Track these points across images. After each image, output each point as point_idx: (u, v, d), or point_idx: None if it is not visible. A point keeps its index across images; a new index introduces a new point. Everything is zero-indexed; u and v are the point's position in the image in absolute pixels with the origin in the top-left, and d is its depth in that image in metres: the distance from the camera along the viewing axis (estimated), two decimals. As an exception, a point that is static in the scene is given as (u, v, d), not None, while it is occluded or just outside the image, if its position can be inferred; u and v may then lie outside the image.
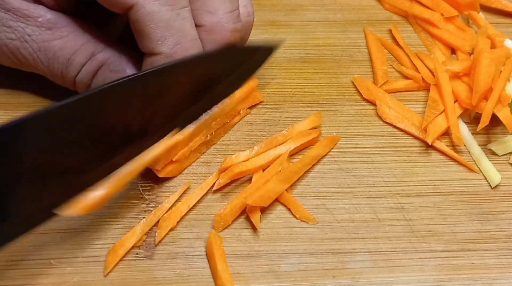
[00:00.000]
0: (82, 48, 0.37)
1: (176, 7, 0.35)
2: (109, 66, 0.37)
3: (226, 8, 0.37)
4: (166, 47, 0.35)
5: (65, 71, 0.37)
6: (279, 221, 0.37)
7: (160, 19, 0.34)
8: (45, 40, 0.37)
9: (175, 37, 0.35)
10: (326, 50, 0.47)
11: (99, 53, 0.37)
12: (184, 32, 0.35)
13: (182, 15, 0.35)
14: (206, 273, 0.34)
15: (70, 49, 0.37)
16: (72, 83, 0.38)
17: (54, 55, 0.37)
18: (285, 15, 0.49)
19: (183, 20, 0.35)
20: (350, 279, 0.34)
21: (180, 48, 0.35)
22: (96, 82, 0.38)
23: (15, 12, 0.36)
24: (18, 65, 0.38)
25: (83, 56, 0.37)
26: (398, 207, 0.38)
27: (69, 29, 0.37)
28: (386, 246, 0.36)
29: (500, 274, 0.35)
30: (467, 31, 0.47)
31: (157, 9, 0.34)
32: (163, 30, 0.34)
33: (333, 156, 0.40)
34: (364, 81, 0.44)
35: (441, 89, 0.42)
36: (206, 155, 0.39)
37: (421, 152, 0.41)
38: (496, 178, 0.39)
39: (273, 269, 0.35)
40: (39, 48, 0.37)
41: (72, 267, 0.34)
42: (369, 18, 0.49)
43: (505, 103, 0.41)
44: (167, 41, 0.35)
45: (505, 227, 0.37)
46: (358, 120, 0.42)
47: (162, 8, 0.34)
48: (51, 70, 0.38)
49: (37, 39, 0.37)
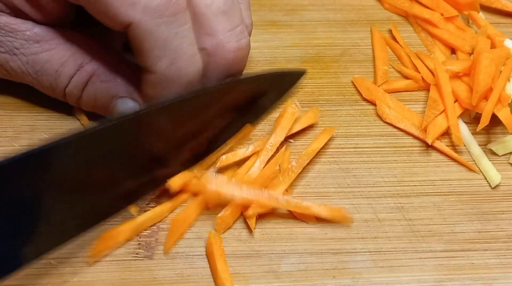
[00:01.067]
0: (69, 59, 0.37)
1: (174, 26, 0.34)
2: (99, 77, 0.37)
3: (225, 28, 0.36)
4: (159, 67, 0.34)
5: (53, 83, 0.37)
6: (279, 221, 0.37)
7: (157, 39, 0.33)
8: (33, 53, 0.37)
9: (170, 57, 0.34)
10: (326, 50, 0.47)
11: (87, 64, 0.37)
12: (180, 52, 0.34)
13: (181, 34, 0.34)
14: (206, 273, 0.34)
15: (57, 61, 0.37)
16: (62, 94, 0.38)
17: (42, 67, 0.37)
18: (285, 15, 0.49)
19: (181, 39, 0.34)
20: (350, 279, 0.34)
21: (173, 67, 0.34)
22: (87, 93, 0.37)
23: (3, 27, 0.36)
24: (8, 76, 0.38)
25: (71, 68, 0.37)
26: (398, 207, 0.38)
27: (57, 41, 0.37)
28: (386, 246, 0.36)
29: (500, 274, 0.35)
30: (467, 31, 0.47)
31: (154, 28, 0.33)
32: (159, 50, 0.34)
33: (333, 156, 0.40)
34: (364, 81, 0.44)
35: (441, 89, 0.42)
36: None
37: (421, 152, 0.41)
38: (496, 178, 0.39)
39: (273, 269, 0.35)
40: (27, 61, 0.37)
41: (72, 267, 0.34)
42: (369, 18, 0.49)
43: (505, 103, 0.41)
44: (162, 60, 0.34)
45: (505, 227, 0.37)
46: (358, 120, 0.42)
47: (160, 28, 0.33)
48: (40, 82, 0.38)
49: (25, 52, 0.36)
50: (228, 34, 0.36)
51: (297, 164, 0.38)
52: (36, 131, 0.40)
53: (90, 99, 0.38)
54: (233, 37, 0.36)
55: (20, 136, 0.40)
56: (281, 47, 0.47)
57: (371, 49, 0.47)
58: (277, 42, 0.47)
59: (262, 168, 0.38)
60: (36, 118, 0.40)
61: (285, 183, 0.37)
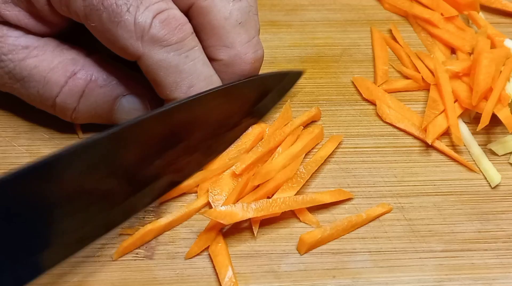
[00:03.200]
0: (59, 65, 0.36)
1: (184, 50, 0.34)
2: (97, 82, 0.36)
3: (242, 40, 0.36)
4: (180, 92, 0.35)
5: (41, 90, 0.36)
6: (279, 221, 0.37)
7: (169, 66, 0.34)
8: (21, 59, 0.36)
9: (188, 80, 0.35)
10: (326, 50, 0.47)
11: (80, 70, 0.36)
12: (195, 73, 0.35)
13: (191, 56, 0.35)
14: (206, 273, 0.34)
15: (46, 66, 0.36)
16: (50, 104, 0.37)
17: (30, 73, 0.36)
18: (285, 15, 0.49)
19: (193, 61, 0.35)
20: (350, 279, 0.34)
21: (194, 89, 0.35)
22: (85, 102, 0.37)
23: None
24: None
25: (60, 74, 0.36)
26: (398, 207, 0.38)
27: (46, 48, 0.36)
28: (386, 246, 0.36)
29: (500, 274, 0.35)
30: (467, 31, 0.47)
31: (164, 57, 0.34)
32: (175, 76, 0.34)
33: (333, 156, 0.40)
34: (364, 81, 0.44)
35: (441, 89, 0.42)
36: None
37: (421, 152, 0.41)
38: (496, 178, 0.39)
39: (273, 269, 0.35)
40: (14, 67, 0.36)
41: (72, 267, 0.34)
42: (369, 18, 0.49)
43: (505, 103, 0.41)
44: (180, 85, 0.34)
45: (505, 227, 0.37)
46: (358, 120, 0.42)
47: (169, 55, 0.34)
48: (27, 89, 0.37)
49: (13, 58, 0.36)
50: (246, 45, 0.36)
51: (306, 171, 0.38)
52: (36, 131, 0.40)
53: (89, 108, 0.37)
54: (250, 49, 0.37)
55: (20, 136, 0.40)
56: (281, 47, 0.47)
57: (371, 49, 0.47)
58: (277, 42, 0.47)
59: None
60: (36, 118, 0.40)
61: (294, 189, 0.37)
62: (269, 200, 0.35)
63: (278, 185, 0.37)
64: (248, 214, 0.34)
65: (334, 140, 0.40)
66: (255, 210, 0.34)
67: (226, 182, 0.37)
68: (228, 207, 0.34)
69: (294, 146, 0.38)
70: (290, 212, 0.37)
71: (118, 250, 0.34)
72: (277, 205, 0.35)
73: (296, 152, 0.38)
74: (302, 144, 0.39)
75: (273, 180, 0.36)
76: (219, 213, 0.34)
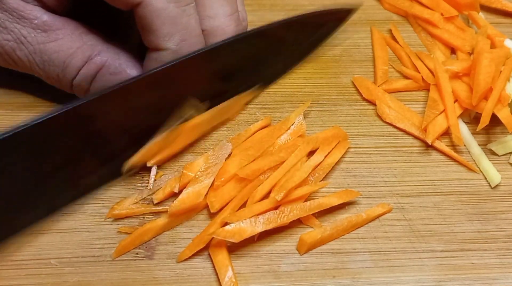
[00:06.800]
0: (78, 51, 0.37)
1: (182, 4, 0.35)
2: (109, 69, 0.37)
3: (225, 12, 0.38)
4: (172, 43, 0.35)
5: (61, 74, 0.37)
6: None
7: (167, 16, 0.35)
8: (40, 42, 0.37)
9: (181, 33, 0.36)
10: (326, 50, 0.47)
11: (97, 56, 0.37)
12: (189, 28, 0.36)
13: (188, 11, 0.36)
14: (206, 273, 0.34)
15: (65, 52, 0.37)
16: (69, 86, 0.38)
17: (50, 57, 0.37)
18: (285, 15, 0.49)
19: (188, 16, 0.36)
20: (350, 279, 0.34)
21: (186, 44, 0.36)
22: (95, 85, 0.38)
23: (12, 13, 0.36)
24: (14, 66, 0.38)
25: (79, 59, 0.37)
26: (398, 207, 0.38)
27: (64, 31, 0.37)
28: (386, 246, 0.36)
29: (500, 274, 0.35)
30: (467, 31, 0.47)
31: (164, 6, 0.35)
32: (170, 27, 0.35)
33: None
34: (364, 81, 0.44)
35: (441, 89, 0.42)
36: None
37: (421, 152, 0.41)
38: (496, 178, 0.39)
39: (273, 269, 0.35)
40: (34, 50, 0.37)
41: (72, 267, 0.34)
42: (369, 18, 0.49)
43: (505, 103, 0.41)
44: (173, 37, 0.35)
45: (505, 227, 0.37)
46: (358, 120, 0.42)
47: (169, 5, 0.35)
48: (47, 72, 0.38)
49: (32, 41, 0.37)
50: (229, 17, 0.38)
51: (314, 179, 0.38)
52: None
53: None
54: (232, 21, 0.38)
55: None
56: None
57: (371, 49, 0.47)
58: (277, 42, 0.47)
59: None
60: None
61: (302, 199, 0.37)
62: (277, 211, 0.35)
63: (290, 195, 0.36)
64: (257, 228, 0.34)
65: (341, 147, 0.40)
66: (264, 223, 0.35)
67: (228, 190, 0.37)
68: (236, 224, 0.34)
69: (319, 157, 0.38)
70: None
71: (117, 249, 0.34)
72: (285, 216, 0.35)
73: (324, 165, 0.38)
74: (332, 160, 0.39)
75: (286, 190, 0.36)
76: (228, 232, 0.34)
